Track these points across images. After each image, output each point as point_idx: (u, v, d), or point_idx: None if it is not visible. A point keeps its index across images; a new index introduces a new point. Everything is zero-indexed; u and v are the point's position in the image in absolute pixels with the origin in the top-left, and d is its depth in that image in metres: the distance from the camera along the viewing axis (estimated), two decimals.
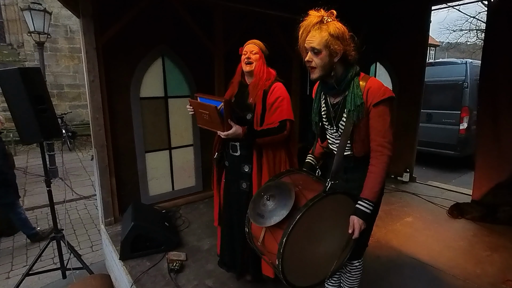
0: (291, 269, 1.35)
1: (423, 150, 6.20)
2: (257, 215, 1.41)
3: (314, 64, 1.37)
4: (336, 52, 1.34)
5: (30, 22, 5.43)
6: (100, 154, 2.89)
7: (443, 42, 21.72)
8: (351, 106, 1.40)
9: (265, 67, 1.95)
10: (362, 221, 1.40)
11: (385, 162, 1.41)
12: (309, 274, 1.47)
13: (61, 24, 9.60)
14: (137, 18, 2.95)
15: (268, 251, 1.44)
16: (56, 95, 9.74)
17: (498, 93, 3.28)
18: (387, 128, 1.40)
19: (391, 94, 1.39)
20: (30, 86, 2.38)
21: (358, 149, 1.49)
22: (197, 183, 3.73)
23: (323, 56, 1.35)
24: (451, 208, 3.34)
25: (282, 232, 1.30)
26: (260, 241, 1.46)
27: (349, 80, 1.42)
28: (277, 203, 1.38)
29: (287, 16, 3.96)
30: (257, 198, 1.49)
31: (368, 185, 1.43)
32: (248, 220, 1.56)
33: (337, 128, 1.51)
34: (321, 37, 1.31)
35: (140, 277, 2.24)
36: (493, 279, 2.27)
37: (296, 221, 1.28)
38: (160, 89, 3.29)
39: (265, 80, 1.93)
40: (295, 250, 1.34)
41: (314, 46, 1.33)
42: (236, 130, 1.81)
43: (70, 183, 5.70)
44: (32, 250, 3.55)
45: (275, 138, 1.89)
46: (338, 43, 1.33)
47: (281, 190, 1.43)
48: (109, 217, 3.02)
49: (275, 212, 1.35)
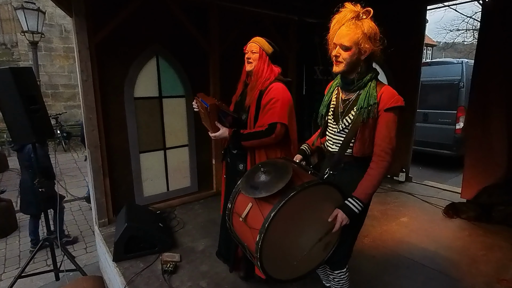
0: (268, 251, 1.31)
1: (419, 150, 6.23)
2: (250, 187, 1.37)
3: (341, 59, 1.38)
4: (365, 51, 1.35)
5: (24, 21, 5.39)
6: (93, 155, 2.86)
7: (440, 42, 21.85)
8: (364, 104, 1.41)
9: (265, 66, 1.88)
10: (346, 216, 1.40)
11: (384, 167, 1.42)
12: (284, 267, 1.43)
13: (56, 24, 9.52)
14: (131, 17, 2.92)
15: (249, 227, 1.37)
16: (51, 95, 9.66)
17: (489, 93, 3.30)
18: (393, 136, 1.41)
19: (403, 104, 1.41)
20: (22, 86, 2.35)
21: (357, 148, 1.49)
22: (192, 184, 3.71)
23: (352, 53, 1.36)
24: (447, 208, 3.35)
25: (271, 207, 1.27)
26: (243, 217, 1.40)
27: (368, 80, 1.44)
28: (273, 177, 1.35)
29: (283, 16, 3.96)
30: (252, 171, 1.46)
31: (363, 186, 1.43)
32: (234, 194, 1.52)
33: (341, 124, 1.51)
34: (354, 34, 1.32)
35: (133, 279, 2.22)
36: (488, 278, 2.27)
37: (289, 198, 1.25)
38: (154, 89, 3.26)
39: (264, 80, 1.88)
40: (279, 230, 1.30)
41: (344, 43, 1.34)
42: (222, 133, 1.86)
43: (65, 184, 5.65)
44: (25, 252, 3.51)
45: (263, 141, 1.84)
46: (369, 42, 1.34)
47: (278, 167, 1.41)
48: (103, 218, 2.99)
49: (270, 185, 1.32)
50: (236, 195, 1.52)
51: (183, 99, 3.46)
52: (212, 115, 1.84)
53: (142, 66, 3.14)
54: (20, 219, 4.30)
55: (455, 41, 19.25)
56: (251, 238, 1.35)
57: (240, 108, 1.98)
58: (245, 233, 1.44)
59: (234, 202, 1.52)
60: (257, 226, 1.29)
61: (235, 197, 1.52)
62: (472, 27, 16.55)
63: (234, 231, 1.55)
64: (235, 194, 1.52)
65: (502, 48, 3.17)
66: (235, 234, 1.55)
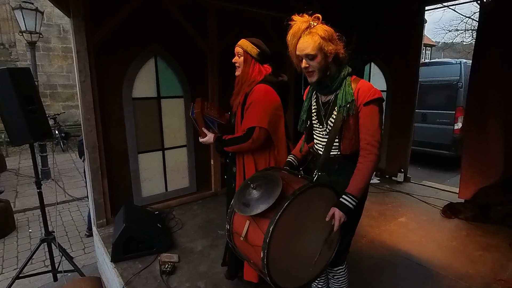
0: (275, 265, 1.30)
1: (417, 150, 6.24)
2: (242, 205, 1.37)
3: (312, 69, 1.41)
4: (330, 53, 1.38)
5: (22, 21, 5.36)
6: (91, 155, 2.85)
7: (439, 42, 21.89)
8: (342, 102, 1.43)
9: (250, 69, 1.83)
10: (343, 214, 1.41)
11: (373, 160, 1.43)
12: (294, 275, 1.43)
13: (54, 24, 9.51)
14: (129, 17, 2.92)
15: (252, 245, 1.37)
16: (49, 96, 9.64)
17: (486, 93, 3.31)
18: (376, 128, 1.43)
19: (380, 95, 1.45)
20: (19, 86, 2.35)
21: (345, 146, 1.51)
22: (190, 184, 3.71)
23: (319, 60, 1.39)
24: (445, 208, 3.35)
25: (268, 222, 1.27)
26: (243, 236, 1.40)
27: (342, 79, 1.46)
28: (264, 191, 1.34)
29: (281, 16, 3.93)
30: (242, 188, 1.46)
31: (353, 181, 1.45)
32: (230, 214, 1.51)
33: (326, 126, 1.53)
34: (313, 42, 1.35)
35: (131, 279, 2.21)
36: (486, 278, 2.27)
37: (284, 209, 1.25)
38: (152, 90, 3.26)
39: (248, 83, 1.83)
40: (281, 242, 1.30)
41: (308, 52, 1.36)
42: (208, 138, 1.92)
43: (63, 185, 5.64)
44: (23, 253, 3.51)
45: (242, 146, 1.81)
46: (330, 44, 1.37)
47: (267, 180, 1.40)
48: (101, 218, 2.98)
49: (262, 200, 1.31)
50: (233, 215, 1.51)
51: (182, 100, 3.45)
52: (199, 122, 1.91)
53: (141, 67, 3.14)
54: (18, 220, 4.29)
55: (454, 41, 19.29)
56: (255, 255, 1.35)
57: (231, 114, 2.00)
58: (249, 251, 1.43)
59: (232, 223, 1.51)
60: (259, 243, 1.29)
61: (232, 217, 1.51)
62: (470, 27, 16.58)
63: (238, 251, 1.55)
64: (231, 214, 1.51)
65: (500, 49, 3.18)
66: (239, 253, 1.55)
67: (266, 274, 1.30)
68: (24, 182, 5.84)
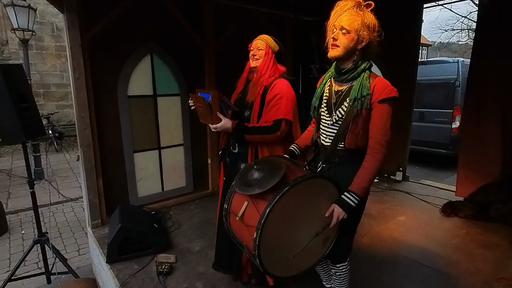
0: (266, 248, 1.29)
1: (416, 149, 6.23)
2: (243, 184, 1.37)
3: (339, 43, 1.38)
4: (363, 39, 1.36)
5: (14, 18, 5.26)
6: (86, 154, 2.80)
7: (435, 42, 22.07)
8: (357, 95, 1.40)
9: (271, 64, 1.85)
10: (342, 211, 1.38)
11: (379, 160, 1.40)
12: (283, 264, 1.41)
13: (47, 22, 9.38)
14: (124, 13, 2.86)
15: (246, 225, 1.35)
16: (42, 95, 9.51)
17: (484, 92, 3.31)
18: (387, 128, 1.41)
19: (397, 95, 1.41)
20: (11, 83, 2.28)
21: (350, 140, 1.47)
22: (187, 184, 3.65)
23: (350, 38, 1.36)
24: (444, 207, 3.34)
25: (266, 203, 1.25)
26: (239, 216, 1.38)
27: (362, 70, 1.42)
28: (266, 173, 1.34)
29: (279, 14, 3.92)
30: (245, 170, 1.45)
31: (358, 179, 1.41)
32: (229, 194, 1.50)
33: (334, 115, 1.49)
34: (354, 20, 1.34)
35: (127, 281, 2.16)
36: (487, 276, 2.26)
37: (283, 192, 1.24)
38: (148, 87, 3.20)
39: (267, 77, 1.85)
40: (275, 227, 1.29)
41: (344, 26, 1.35)
42: (225, 124, 1.78)
43: (57, 185, 5.55)
44: (16, 255, 3.43)
45: (266, 137, 1.80)
46: (368, 31, 1.36)
47: (271, 164, 1.40)
48: (96, 219, 2.92)
49: (264, 181, 1.31)
50: (232, 195, 1.50)
51: (178, 98, 3.40)
52: (215, 104, 1.77)
53: (136, 64, 3.08)
54: (10, 221, 4.21)
55: (450, 41, 19.47)
56: (248, 236, 1.33)
57: (242, 105, 1.92)
58: (243, 232, 1.41)
59: (230, 202, 1.50)
60: (254, 223, 1.27)
61: (231, 197, 1.50)
62: (467, 27, 16.73)
63: (232, 231, 1.53)
64: (230, 194, 1.51)
65: (498, 47, 3.18)
66: (233, 234, 1.52)
67: (256, 256, 1.28)
68: (17, 183, 5.73)
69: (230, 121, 1.79)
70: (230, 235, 1.55)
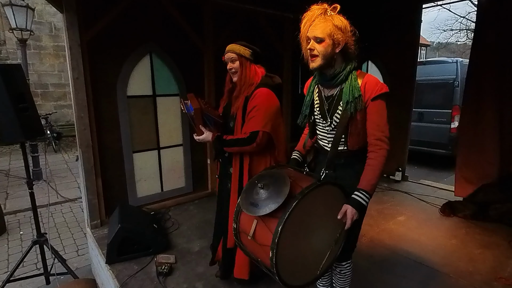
0: (284, 263, 1.29)
1: (415, 149, 6.24)
2: (250, 204, 1.35)
3: (316, 52, 1.38)
4: (339, 43, 1.36)
5: (12, 18, 5.24)
6: (85, 155, 2.79)
7: (433, 42, 22.11)
8: (349, 98, 1.40)
9: (247, 71, 1.83)
10: (355, 211, 1.38)
11: (383, 155, 1.41)
12: (301, 272, 1.41)
13: (46, 21, 9.34)
14: (123, 13, 2.86)
15: (260, 244, 1.36)
16: (40, 95, 9.48)
17: (482, 92, 3.31)
18: (385, 123, 1.42)
19: (387, 90, 1.42)
20: (10, 83, 2.27)
21: (352, 142, 1.48)
22: (187, 184, 3.65)
23: (326, 45, 1.36)
24: (443, 207, 3.35)
25: (276, 221, 1.25)
26: (251, 235, 1.38)
27: (348, 73, 1.42)
28: (272, 191, 1.32)
29: (278, 14, 3.92)
30: (249, 187, 1.43)
31: (366, 177, 1.42)
32: (237, 213, 1.49)
33: (331, 121, 1.50)
34: (325, 26, 1.34)
35: (127, 281, 2.16)
36: (486, 276, 2.26)
37: (292, 208, 1.24)
38: (148, 88, 3.20)
39: (248, 86, 1.84)
40: (289, 241, 1.29)
41: (317, 35, 1.35)
42: (206, 136, 1.87)
43: (55, 186, 5.53)
44: (14, 256, 3.41)
45: (244, 149, 1.83)
46: (341, 33, 1.36)
47: (275, 179, 1.38)
48: (95, 219, 2.92)
49: (270, 200, 1.29)
50: (239, 214, 1.49)
51: (177, 98, 3.39)
52: (197, 119, 1.85)
53: (135, 64, 3.08)
54: (8, 222, 4.19)
55: (449, 41, 19.52)
56: (263, 254, 1.34)
57: (227, 116, 1.97)
58: (257, 250, 1.42)
59: (239, 221, 1.50)
60: (267, 243, 1.27)
61: (239, 216, 1.50)
62: (465, 27, 16.77)
63: (245, 249, 1.53)
64: (237, 213, 1.50)
65: (496, 48, 3.18)
66: (246, 251, 1.53)
67: (275, 274, 1.28)
68: (15, 183, 5.71)
69: (211, 133, 1.87)
70: (244, 252, 1.57)
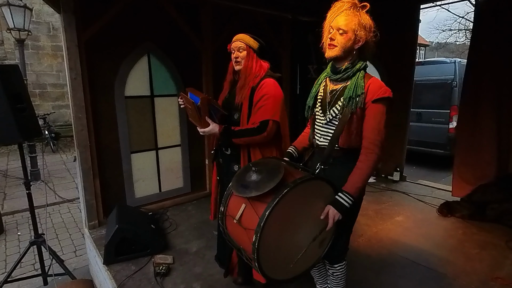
0: (265, 252, 1.27)
1: (413, 149, 6.25)
2: (241, 186, 1.35)
3: (336, 43, 1.40)
4: (360, 39, 1.38)
5: (10, 18, 5.23)
6: (83, 155, 2.78)
7: (432, 42, 22.14)
8: (352, 94, 1.40)
9: (253, 63, 1.83)
10: (337, 212, 1.38)
11: (373, 160, 1.40)
12: (280, 266, 1.40)
13: (43, 21, 9.32)
14: (121, 14, 2.85)
15: (244, 228, 1.34)
16: (38, 95, 9.45)
17: (481, 92, 3.32)
18: (381, 128, 1.40)
19: (391, 95, 1.41)
20: (7, 84, 2.27)
21: (343, 140, 1.48)
22: (185, 184, 3.64)
23: (347, 38, 1.38)
24: (441, 207, 3.35)
25: (265, 206, 1.24)
26: (237, 219, 1.36)
27: (357, 70, 1.44)
28: (265, 175, 1.32)
29: (277, 14, 3.93)
30: (242, 171, 1.43)
31: (352, 179, 1.41)
32: (226, 197, 1.48)
33: (328, 114, 1.50)
34: (351, 20, 1.37)
35: (124, 282, 2.16)
36: (483, 276, 2.27)
37: (283, 195, 1.23)
38: (146, 88, 3.19)
39: (253, 77, 1.83)
40: (274, 230, 1.27)
41: (341, 27, 1.37)
42: (212, 128, 1.81)
43: (53, 186, 5.52)
44: (12, 256, 3.40)
45: (254, 139, 1.80)
46: (365, 31, 1.38)
47: (269, 166, 1.39)
48: (93, 220, 2.91)
49: (262, 183, 1.29)
50: (229, 197, 1.48)
51: (176, 98, 3.38)
52: (203, 110, 1.79)
53: (133, 64, 3.07)
54: (6, 223, 4.18)
55: (448, 41, 19.54)
56: (246, 239, 1.31)
57: (230, 107, 1.93)
58: (241, 235, 1.40)
59: (227, 205, 1.48)
60: (252, 226, 1.25)
61: (228, 199, 1.48)
62: (464, 27, 16.78)
63: (228, 235, 1.51)
64: (227, 197, 1.48)
65: (494, 48, 3.20)
66: (229, 237, 1.51)
67: (255, 259, 1.26)
68: (13, 184, 5.69)
69: (217, 125, 1.82)
70: (226, 238, 1.54)
